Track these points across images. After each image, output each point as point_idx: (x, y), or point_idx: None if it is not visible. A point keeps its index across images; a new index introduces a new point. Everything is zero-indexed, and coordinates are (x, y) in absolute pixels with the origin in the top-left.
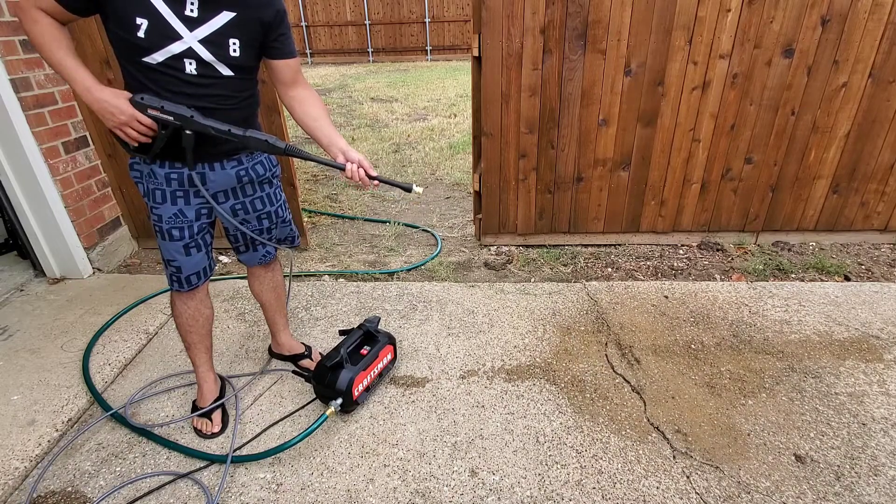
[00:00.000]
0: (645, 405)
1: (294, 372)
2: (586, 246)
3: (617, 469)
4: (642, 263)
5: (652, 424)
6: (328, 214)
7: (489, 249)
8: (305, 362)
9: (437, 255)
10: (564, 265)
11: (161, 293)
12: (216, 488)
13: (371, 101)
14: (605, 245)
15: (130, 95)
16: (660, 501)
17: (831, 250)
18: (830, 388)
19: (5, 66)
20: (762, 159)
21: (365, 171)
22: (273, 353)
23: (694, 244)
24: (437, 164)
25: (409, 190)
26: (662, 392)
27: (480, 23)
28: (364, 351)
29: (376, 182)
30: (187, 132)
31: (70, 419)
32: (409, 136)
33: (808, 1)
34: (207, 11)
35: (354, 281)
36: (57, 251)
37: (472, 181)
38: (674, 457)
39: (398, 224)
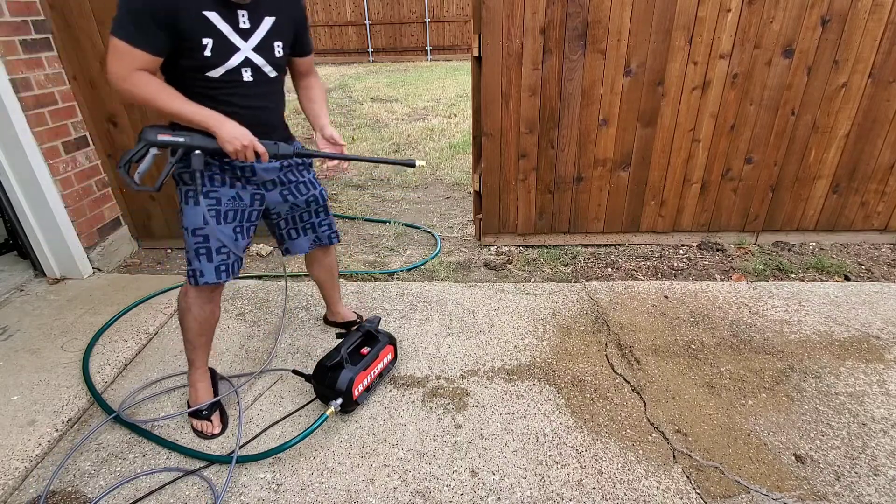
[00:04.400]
0: (645, 405)
1: (294, 372)
2: (586, 246)
3: (617, 469)
4: (642, 263)
5: (652, 424)
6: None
7: (489, 249)
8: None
9: (436, 255)
10: (564, 265)
11: (161, 293)
12: (219, 487)
13: (371, 101)
14: (605, 245)
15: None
16: (660, 501)
17: (831, 250)
18: (830, 388)
19: (5, 66)
20: (762, 159)
21: (338, 143)
22: (327, 321)
23: (694, 244)
24: (437, 164)
25: (412, 166)
26: (662, 392)
27: (480, 23)
28: (364, 351)
29: (346, 165)
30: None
31: (70, 419)
32: (409, 136)
33: (808, 1)
34: (255, 20)
35: (354, 281)
36: (57, 251)
37: (472, 181)
38: (674, 457)
39: (398, 224)
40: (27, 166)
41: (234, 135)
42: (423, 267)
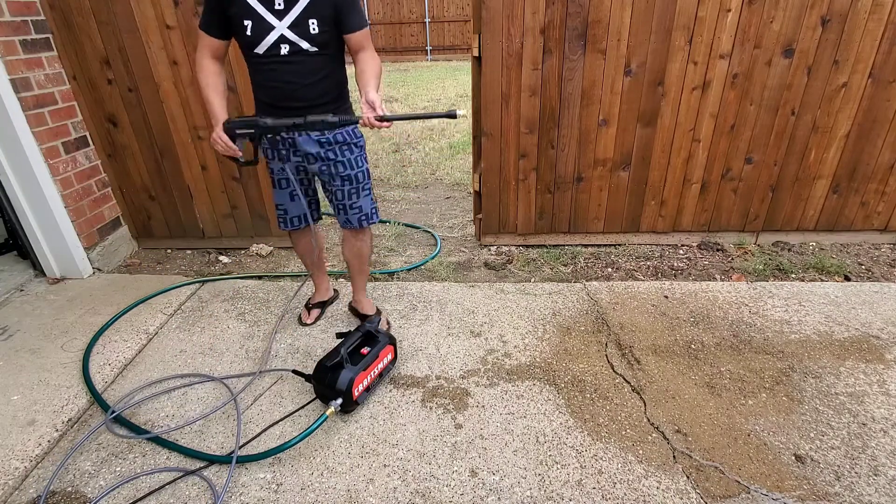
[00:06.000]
0: (645, 405)
1: (294, 372)
2: (586, 246)
3: (617, 469)
4: (642, 263)
5: (652, 424)
6: (328, 214)
7: (489, 249)
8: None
9: (436, 255)
10: (564, 265)
11: (161, 293)
12: (219, 487)
13: None
14: (605, 245)
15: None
16: (660, 501)
17: (831, 250)
18: (830, 388)
19: (5, 66)
20: (762, 159)
21: (375, 110)
22: (351, 308)
23: (694, 244)
24: (437, 164)
25: (453, 116)
26: (662, 392)
27: (480, 23)
28: (364, 351)
29: (388, 124)
30: (267, 136)
31: (70, 419)
32: (409, 136)
33: (808, 1)
34: (290, 2)
35: None
36: (57, 251)
37: (472, 181)
38: (674, 457)
39: (398, 224)
40: (27, 166)
41: (214, 137)
42: (423, 267)
